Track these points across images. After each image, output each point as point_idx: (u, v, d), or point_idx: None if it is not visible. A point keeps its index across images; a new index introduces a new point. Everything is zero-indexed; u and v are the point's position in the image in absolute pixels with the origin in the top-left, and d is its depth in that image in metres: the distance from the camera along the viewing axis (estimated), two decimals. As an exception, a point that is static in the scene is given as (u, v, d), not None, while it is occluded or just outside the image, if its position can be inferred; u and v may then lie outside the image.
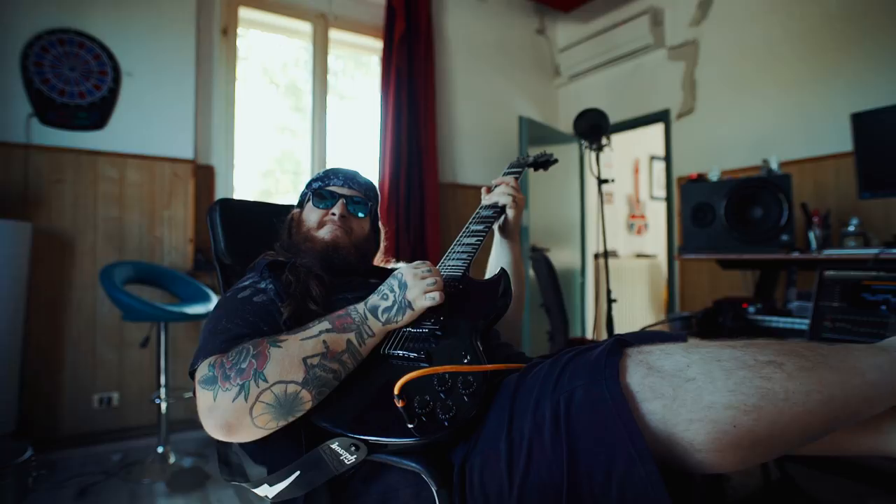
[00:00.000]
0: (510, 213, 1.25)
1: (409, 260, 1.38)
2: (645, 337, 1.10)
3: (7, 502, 1.22)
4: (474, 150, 4.10)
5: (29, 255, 2.51)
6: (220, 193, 3.17)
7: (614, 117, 4.06)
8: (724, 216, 2.21)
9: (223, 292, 1.20)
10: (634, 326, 4.46)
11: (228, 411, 0.78)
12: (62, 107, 2.72)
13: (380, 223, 1.32)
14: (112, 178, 2.83)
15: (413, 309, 0.92)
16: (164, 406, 2.52)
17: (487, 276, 1.27)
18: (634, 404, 0.69)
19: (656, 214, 5.66)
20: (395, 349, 0.91)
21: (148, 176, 2.92)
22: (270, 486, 0.84)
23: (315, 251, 1.13)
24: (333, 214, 1.17)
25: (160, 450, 2.54)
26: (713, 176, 2.36)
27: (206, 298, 2.69)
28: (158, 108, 2.94)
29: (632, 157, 5.50)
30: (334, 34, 3.61)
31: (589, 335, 4.29)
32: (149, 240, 2.91)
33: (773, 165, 2.28)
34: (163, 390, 2.52)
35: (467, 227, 1.21)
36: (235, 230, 1.25)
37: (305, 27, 3.53)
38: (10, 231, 2.43)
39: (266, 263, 1.06)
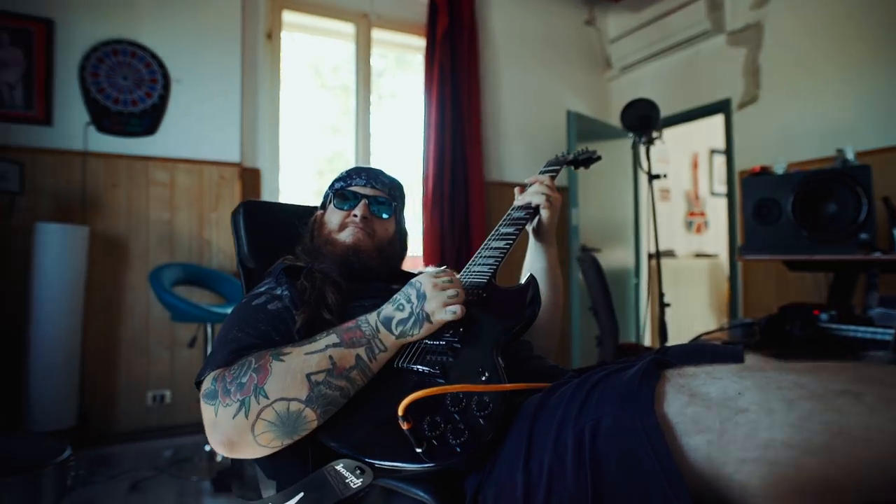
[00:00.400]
0: (544, 213, 1.13)
1: (453, 263, 1.31)
2: (692, 352, 0.98)
3: (46, 501, 1.23)
4: (521, 147, 3.98)
5: (86, 258, 2.61)
6: (265, 195, 3.22)
7: (670, 109, 3.85)
8: (792, 212, 2.01)
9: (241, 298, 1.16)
10: (692, 332, 4.20)
11: (229, 428, 0.74)
12: (116, 114, 2.83)
13: (406, 225, 1.25)
14: (163, 182, 2.92)
15: (431, 322, 0.85)
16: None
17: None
18: (673, 438, 0.59)
19: (717, 211, 5.34)
20: (409, 363, 0.84)
21: (196, 179, 2.99)
22: (274, 505, 0.79)
23: (335, 255, 1.07)
24: (355, 216, 1.11)
25: (207, 448, 2.60)
26: (779, 168, 2.16)
27: (250, 299, 2.72)
28: (206, 112, 3.01)
29: (690, 150, 5.21)
30: (377, 34, 3.59)
31: (647, 341, 4.08)
32: (197, 242, 2.99)
33: (849, 156, 2.06)
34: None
35: (496, 230, 1.11)
36: (259, 233, 1.22)
37: (348, 28, 3.53)
38: (70, 235, 2.55)
39: (282, 268, 1.01)
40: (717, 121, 3.85)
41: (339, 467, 0.72)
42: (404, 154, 3.79)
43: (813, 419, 0.56)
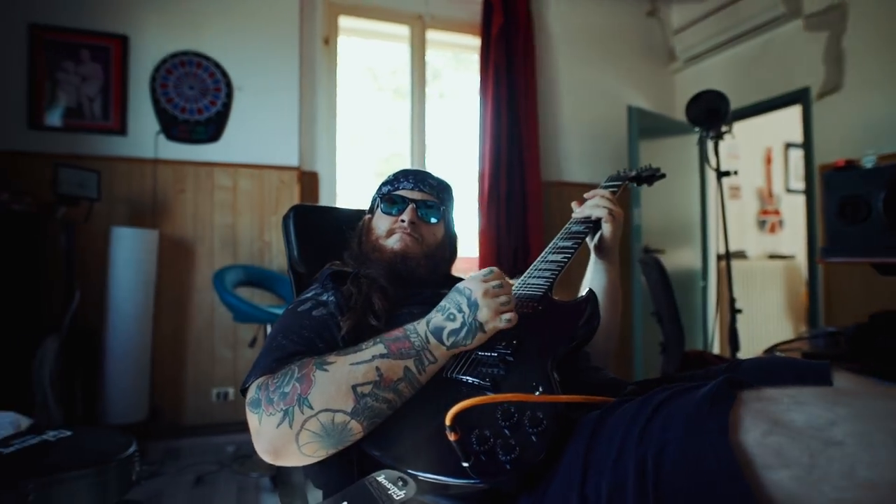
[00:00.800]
0: (606, 228, 1.08)
1: (510, 263, 1.26)
2: (769, 368, 0.89)
3: (111, 495, 1.28)
4: (580, 145, 3.86)
5: (156, 260, 2.75)
6: (323, 198, 3.28)
7: (741, 101, 3.61)
8: (884, 211, 1.81)
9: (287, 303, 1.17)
10: (764, 340, 3.94)
11: (273, 437, 0.74)
12: (183, 123, 2.96)
13: (455, 227, 1.22)
14: (226, 186, 3.03)
15: (484, 332, 0.81)
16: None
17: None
18: (752, 472, 0.52)
19: (793, 209, 4.97)
20: (458, 373, 0.80)
21: (257, 184, 3.08)
22: (320, 514, 0.78)
23: (383, 261, 1.05)
24: (402, 222, 1.08)
25: (267, 446, 2.66)
26: (868, 162, 1.95)
27: (307, 301, 2.77)
28: (266, 118, 3.10)
29: (763, 145, 4.89)
30: (431, 35, 3.58)
31: (715, 349, 3.85)
32: (259, 244, 3.08)
33: (953, 147, 1.83)
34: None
35: (554, 243, 1.07)
36: (310, 238, 1.22)
37: (403, 30, 3.54)
38: (142, 238, 2.69)
39: (329, 273, 1.00)
40: (793, 112, 3.58)
41: (381, 478, 0.69)
42: (460, 153, 3.76)
43: None
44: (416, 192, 1.13)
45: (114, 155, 2.84)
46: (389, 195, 1.12)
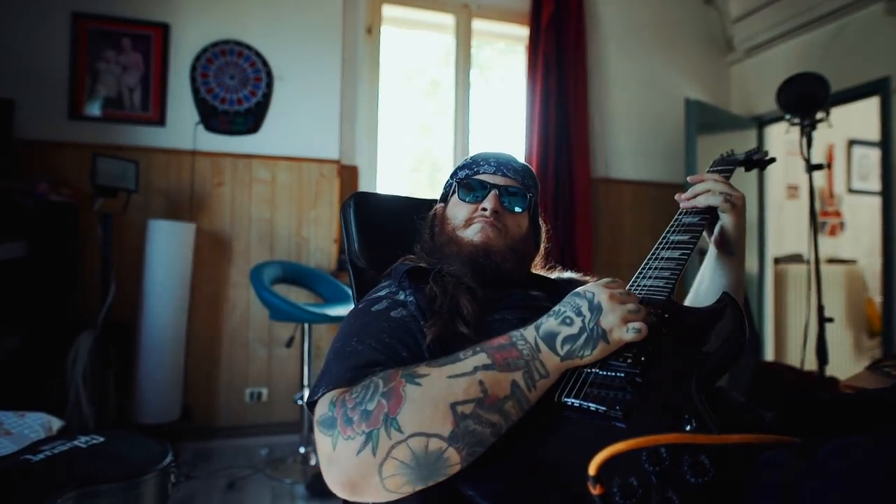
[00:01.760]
0: (726, 219, 0.89)
1: (558, 263, 1.11)
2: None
3: (147, 509, 1.16)
4: (632, 141, 3.65)
5: (192, 254, 2.66)
6: (362, 193, 3.15)
7: (807, 94, 3.36)
8: None
9: (355, 302, 1.02)
10: (830, 348, 3.65)
11: (351, 466, 0.59)
12: (223, 114, 2.87)
13: (541, 219, 1.06)
14: (265, 179, 2.93)
15: (608, 342, 0.65)
16: (306, 406, 2.52)
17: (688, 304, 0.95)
18: None
19: (855, 211, 4.67)
20: (572, 397, 0.64)
21: (296, 177, 2.97)
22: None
23: (462, 255, 0.90)
24: (484, 210, 0.93)
25: (302, 450, 2.55)
26: None
27: (348, 300, 2.65)
28: (306, 110, 2.99)
29: (823, 142, 4.58)
30: (477, 24, 3.42)
31: (794, 360, 3.58)
32: (296, 240, 2.97)
33: None
34: (305, 391, 2.52)
35: (665, 238, 0.88)
36: (372, 229, 1.08)
37: (448, 20, 3.39)
38: (179, 232, 2.60)
39: (406, 270, 0.85)
40: (859, 107, 3.31)
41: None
42: (505, 149, 3.59)
43: None
44: (499, 176, 0.98)
45: (152, 146, 2.77)
46: (468, 180, 0.97)
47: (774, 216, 4.12)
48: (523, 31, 3.42)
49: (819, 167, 2.11)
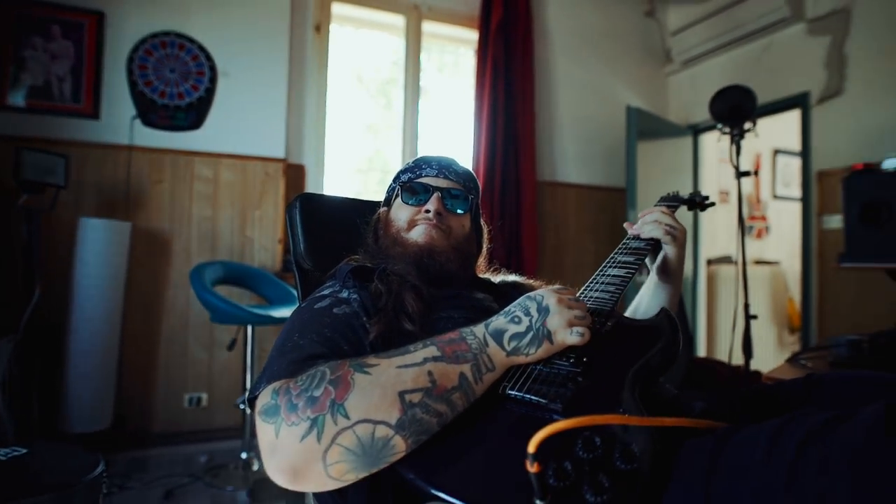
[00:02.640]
0: (669, 249, 0.97)
1: (502, 264, 1.14)
2: (855, 382, 0.79)
3: (76, 522, 1.10)
4: (576, 146, 3.77)
5: (128, 255, 2.54)
6: (310, 192, 3.10)
7: (737, 105, 3.57)
8: (908, 216, 1.75)
9: (300, 301, 1.01)
10: (754, 344, 3.90)
11: (294, 453, 0.58)
12: (163, 108, 2.76)
13: (482, 220, 1.09)
14: (207, 177, 2.83)
15: (552, 342, 0.68)
16: (248, 410, 2.45)
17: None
18: None
19: (779, 216, 5.00)
20: (517, 390, 0.66)
21: (240, 175, 2.89)
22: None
23: (407, 256, 0.91)
24: (427, 212, 0.96)
25: (244, 455, 2.48)
26: (890, 165, 1.90)
27: (293, 301, 2.60)
28: (252, 106, 2.92)
29: (752, 151, 4.88)
30: (427, 26, 3.44)
31: (724, 355, 3.79)
32: (240, 240, 2.89)
33: (976, 152, 1.78)
34: (247, 394, 2.45)
35: (612, 258, 0.95)
36: (318, 230, 1.08)
37: (398, 20, 3.39)
38: (113, 230, 2.48)
39: (349, 270, 0.86)
40: (783, 119, 3.55)
41: (429, 512, 0.56)
42: (452, 152, 3.62)
43: None
44: (441, 179, 1.00)
45: (85, 140, 2.62)
46: (411, 183, 0.99)
47: (708, 220, 4.35)
48: (473, 35, 3.46)
49: (746, 174, 2.25)
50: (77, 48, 2.65)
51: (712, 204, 1.20)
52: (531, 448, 0.50)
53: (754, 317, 2.06)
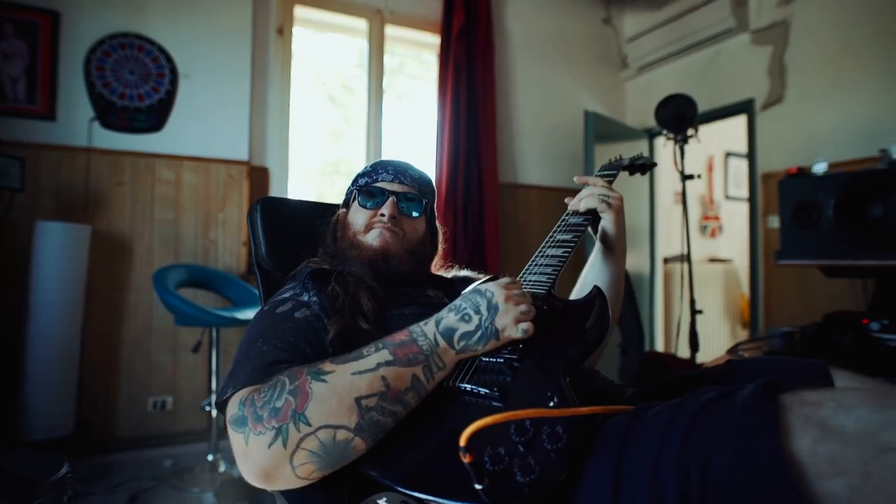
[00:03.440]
0: (606, 218, 1.02)
1: (465, 264, 1.21)
2: (768, 367, 0.88)
3: (40, 523, 1.12)
4: (537, 148, 3.88)
5: (88, 258, 2.51)
6: (274, 195, 3.11)
7: (689, 110, 3.74)
8: (834, 216, 1.90)
9: (262, 304, 1.06)
10: (706, 339, 4.09)
11: (264, 459, 0.64)
12: (122, 109, 2.73)
13: (437, 222, 1.15)
14: (168, 180, 2.82)
15: (499, 339, 0.74)
16: (214, 413, 2.46)
17: (575, 295, 1.07)
18: (805, 483, 0.48)
19: (732, 215, 5.23)
20: (461, 382, 0.73)
21: (203, 178, 2.89)
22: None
23: (362, 259, 0.97)
24: (382, 215, 1.00)
25: (210, 458, 2.48)
26: (819, 169, 2.05)
27: (257, 302, 2.61)
28: (214, 109, 2.91)
29: (705, 153, 5.10)
30: (390, 30, 3.49)
31: (659, 348, 3.96)
32: (203, 242, 2.88)
33: (895, 156, 1.94)
34: (213, 397, 2.46)
35: (551, 237, 1.00)
36: (279, 233, 1.12)
37: (361, 24, 3.43)
38: (72, 233, 2.44)
39: (309, 272, 0.91)
40: (734, 123, 3.73)
41: (382, 501, 0.62)
42: (416, 154, 3.68)
43: None
44: (397, 184, 1.05)
45: (40, 142, 2.58)
46: (367, 187, 1.04)
47: (664, 220, 4.53)
48: (436, 40, 3.53)
49: (691, 177, 2.38)
50: (31, 48, 2.60)
51: (654, 164, 1.25)
52: (462, 442, 0.56)
53: (699, 311, 2.19)
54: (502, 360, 0.74)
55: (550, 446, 0.60)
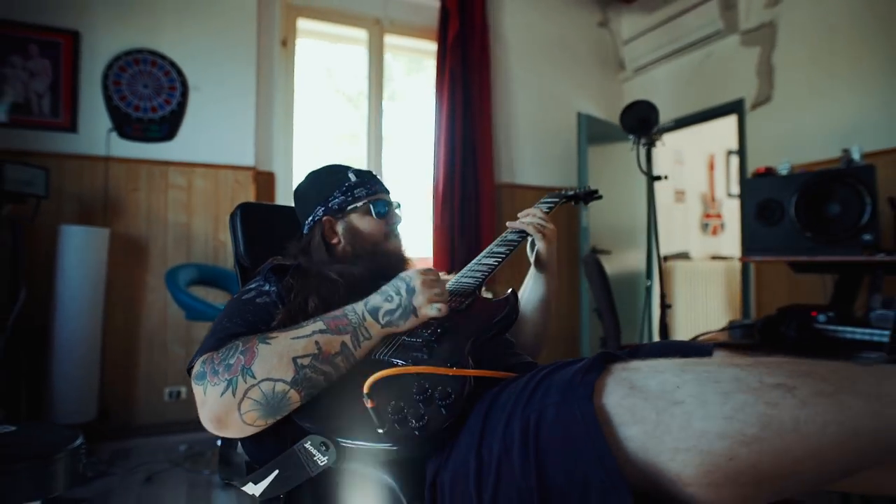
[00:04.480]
0: (539, 245, 1.20)
1: (463, 263, 1.36)
2: (663, 348, 1.01)
3: (58, 486, 1.31)
4: (533, 150, 4.00)
5: (107, 259, 2.73)
6: (280, 198, 3.30)
7: (684, 110, 3.83)
8: (795, 214, 1.99)
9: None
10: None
11: (217, 405, 0.79)
12: (137, 121, 2.95)
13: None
14: (181, 185, 3.02)
15: (417, 316, 0.89)
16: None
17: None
18: (609, 428, 0.62)
19: (734, 213, 5.26)
20: (388, 356, 0.88)
21: (213, 183, 3.09)
22: (255, 483, 0.85)
23: (390, 265, 1.11)
24: (394, 224, 1.18)
25: (219, 443, 2.67)
26: (783, 169, 2.14)
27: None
28: (222, 118, 3.11)
29: (706, 151, 5.15)
30: (389, 39, 3.66)
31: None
32: (213, 243, 3.09)
33: (855, 156, 2.03)
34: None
35: (489, 248, 1.18)
36: (256, 234, 1.28)
37: (361, 34, 3.60)
38: (92, 236, 2.67)
39: (270, 267, 1.06)
40: (734, 121, 3.80)
41: (307, 445, 0.77)
42: (416, 155, 3.84)
43: (746, 411, 0.59)
44: (387, 194, 1.22)
45: (64, 152, 2.81)
46: (374, 199, 1.17)
47: (665, 218, 4.60)
48: (432, 47, 3.68)
49: (658, 178, 2.49)
50: (54, 66, 2.83)
51: (599, 197, 1.40)
52: (365, 389, 0.72)
53: (669, 306, 2.30)
54: (421, 340, 0.89)
55: (441, 402, 0.75)
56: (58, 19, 2.83)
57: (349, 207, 1.17)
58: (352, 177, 1.21)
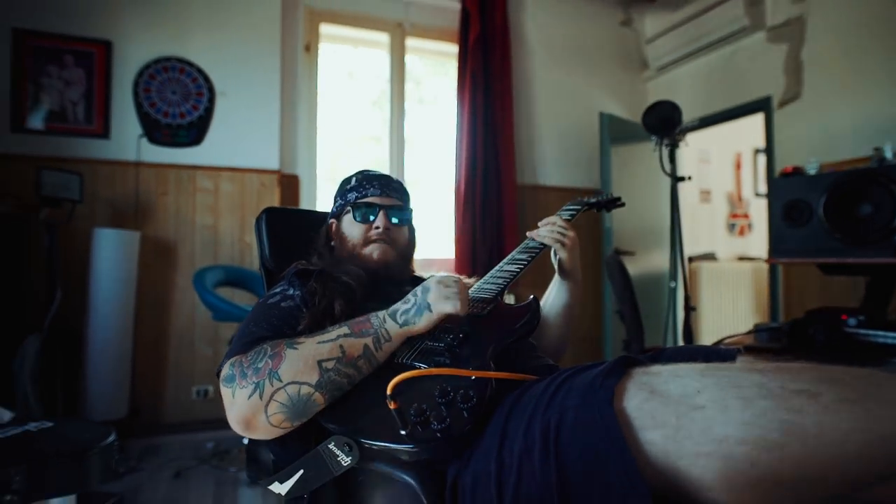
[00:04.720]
0: (561, 254, 1.19)
1: (485, 265, 1.37)
2: (686, 352, 1.00)
3: (92, 481, 1.36)
4: (555, 151, 3.99)
5: (138, 261, 2.81)
6: (304, 201, 3.36)
7: (708, 108, 3.77)
8: (824, 214, 1.95)
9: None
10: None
11: (244, 407, 0.81)
12: (166, 127, 3.03)
13: (413, 222, 1.31)
14: (208, 189, 3.10)
15: (432, 311, 0.90)
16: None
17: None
18: (630, 432, 0.62)
19: (762, 213, 5.15)
20: (411, 359, 0.90)
21: (239, 186, 3.16)
22: (280, 483, 0.87)
23: (367, 271, 1.12)
24: (377, 228, 1.16)
25: (245, 441, 2.73)
26: (811, 169, 2.09)
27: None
28: (247, 123, 3.18)
29: (733, 150, 5.06)
30: (411, 42, 3.68)
31: (670, 344, 3.99)
32: (239, 245, 3.15)
33: (888, 154, 1.98)
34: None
35: (511, 255, 1.19)
36: (281, 238, 1.31)
37: (383, 38, 3.63)
38: (124, 239, 2.75)
39: (294, 272, 1.09)
40: (760, 119, 3.73)
41: (331, 445, 0.79)
42: (437, 158, 3.86)
43: (768, 417, 0.59)
44: (385, 197, 1.20)
45: (96, 158, 2.90)
46: (360, 202, 1.18)
47: (690, 218, 4.54)
48: (454, 49, 3.69)
49: (682, 179, 2.45)
50: (88, 75, 2.93)
51: (622, 205, 1.40)
52: (388, 391, 0.73)
53: (693, 308, 2.27)
54: (444, 345, 0.90)
55: (463, 405, 0.76)
56: (91, 30, 2.93)
57: (343, 211, 1.21)
58: (354, 180, 1.23)
